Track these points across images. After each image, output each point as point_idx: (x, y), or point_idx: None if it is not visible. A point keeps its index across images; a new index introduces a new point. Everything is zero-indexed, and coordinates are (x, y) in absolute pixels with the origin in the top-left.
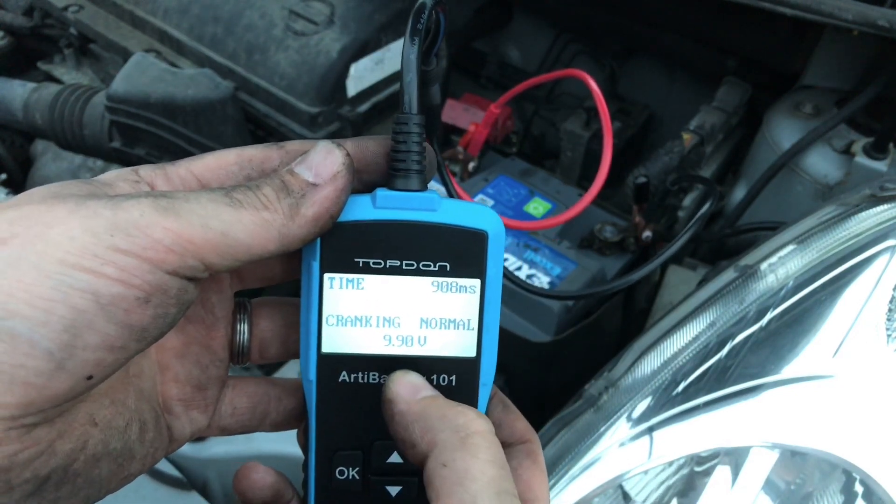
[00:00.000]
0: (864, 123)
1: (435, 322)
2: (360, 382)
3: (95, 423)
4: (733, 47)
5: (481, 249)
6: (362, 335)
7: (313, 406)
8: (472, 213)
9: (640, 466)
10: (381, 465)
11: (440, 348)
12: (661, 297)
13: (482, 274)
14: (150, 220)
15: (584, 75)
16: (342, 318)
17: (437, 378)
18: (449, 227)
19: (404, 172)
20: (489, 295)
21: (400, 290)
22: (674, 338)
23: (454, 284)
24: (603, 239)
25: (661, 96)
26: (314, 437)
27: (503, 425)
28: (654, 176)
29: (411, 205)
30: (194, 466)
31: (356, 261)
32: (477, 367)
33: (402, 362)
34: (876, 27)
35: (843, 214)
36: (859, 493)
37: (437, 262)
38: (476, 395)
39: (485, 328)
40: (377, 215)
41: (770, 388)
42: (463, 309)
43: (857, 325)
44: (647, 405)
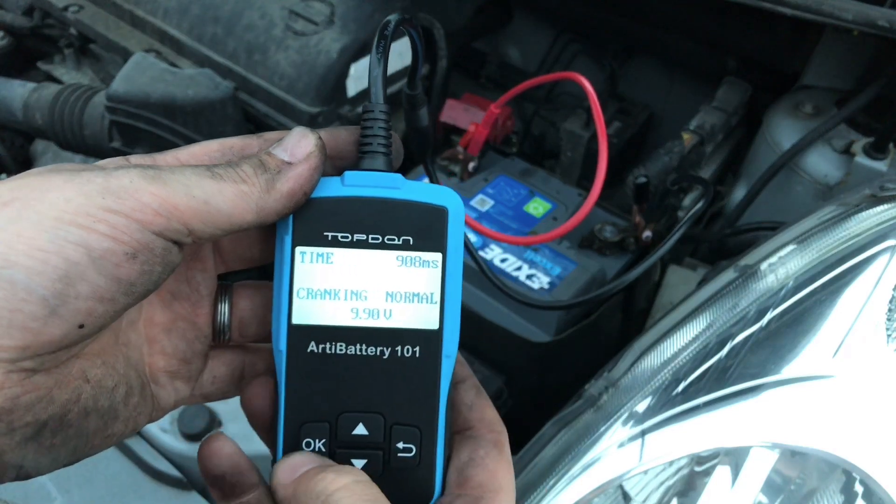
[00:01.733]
0: (864, 123)
1: (399, 295)
2: (327, 353)
3: (87, 380)
4: (733, 47)
5: (442, 224)
6: (331, 307)
7: (283, 376)
8: (432, 191)
9: (639, 466)
10: (346, 438)
11: (405, 321)
12: (661, 297)
13: (443, 248)
14: (139, 185)
15: (579, 78)
16: (312, 290)
17: (402, 350)
18: (411, 202)
19: (371, 154)
20: (450, 269)
21: (366, 263)
22: (674, 338)
23: (417, 259)
24: (603, 239)
25: (661, 96)
26: (283, 408)
27: (474, 408)
28: (654, 176)
29: (377, 183)
30: (194, 466)
31: (325, 234)
32: (440, 338)
33: (368, 333)
34: (876, 27)
35: (843, 214)
36: (859, 493)
37: (400, 236)
38: (439, 367)
39: (447, 301)
40: (345, 192)
41: (770, 388)
42: (426, 283)
43: (857, 325)
44: (647, 405)
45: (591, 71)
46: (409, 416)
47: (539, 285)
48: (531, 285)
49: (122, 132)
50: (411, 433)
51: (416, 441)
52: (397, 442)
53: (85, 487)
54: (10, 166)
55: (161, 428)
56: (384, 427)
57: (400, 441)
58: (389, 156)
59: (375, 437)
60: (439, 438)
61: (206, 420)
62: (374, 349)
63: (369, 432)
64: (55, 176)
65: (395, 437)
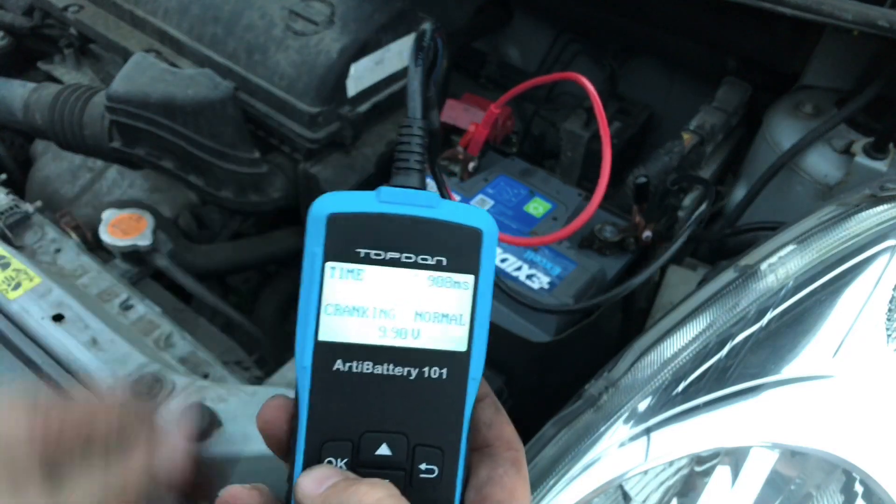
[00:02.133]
0: (864, 123)
1: (429, 316)
2: (353, 372)
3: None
4: (733, 47)
5: (476, 246)
6: (359, 325)
7: (306, 393)
8: (468, 212)
9: (639, 466)
10: (369, 458)
11: (433, 341)
12: (661, 297)
13: (476, 270)
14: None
15: (580, 79)
16: (340, 307)
17: (429, 371)
18: (447, 223)
19: (405, 171)
20: (481, 291)
21: (397, 282)
22: (674, 338)
23: (449, 279)
24: (603, 239)
25: (661, 96)
26: (304, 426)
27: (493, 426)
28: (654, 176)
29: (413, 201)
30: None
31: (357, 251)
32: (467, 361)
33: (396, 353)
34: (876, 27)
35: (843, 214)
36: (859, 493)
37: (434, 255)
38: (465, 389)
39: (476, 323)
40: (380, 208)
41: (770, 388)
42: (456, 304)
43: (857, 325)
44: (647, 405)
45: (591, 71)
46: (432, 438)
47: (539, 285)
48: (531, 285)
49: (122, 132)
50: (434, 454)
51: (439, 462)
52: (420, 463)
53: None
54: (11, 166)
55: None
56: (408, 448)
57: (423, 462)
58: (424, 173)
59: (398, 457)
60: (461, 459)
61: (206, 420)
62: (402, 369)
63: (392, 453)
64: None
65: (419, 458)
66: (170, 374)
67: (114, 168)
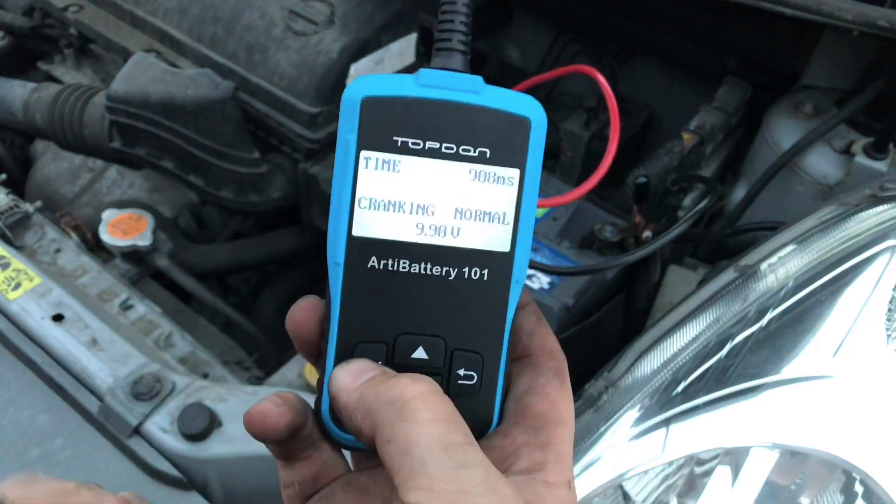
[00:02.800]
0: (864, 123)
1: (470, 213)
2: (389, 270)
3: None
4: (733, 47)
5: (524, 137)
6: (396, 221)
7: (338, 292)
8: (515, 99)
9: (639, 466)
10: (404, 361)
11: (474, 241)
12: (661, 297)
13: (522, 164)
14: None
15: (592, 70)
16: (375, 201)
17: (469, 271)
18: (492, 110)
19: (447, 52)
20: (527, 188)
21: (437, 175)
22: (674, 338)
23: (492, 174)
24: (603, 239)
25: (661, 96)
26: (336, 326)
27: (535, 334)
28: (654, 176)
29: (455, 85)
30: (194, 466)
31: (395, 139)
32: (510, 262)
33: (434, 252)
34: (876, 27)
35: (843, 214)
36: (859, 493)
37: (476, 147)
38: (507, 292)
39: (521, 223)
40: (419, 93)
41: (770, 388)
42: (500, 201)
43: (857, 325)
44: (647, 405)
45: None
46: (472, 343)
47: (539, 285)
48: (531, 285)
49: (122, 132)
50: (473, 360)
51: (478, 368)
52: (458, 369)
53: None
54: (11, 166)
55: (161, 428)
56: (445, 352)
57: (461, 368)
58: (468, 54)
59: (435, 361)
60: (501, 367)
61: (206, 420)
62: (440, 269)
63: (429, 356)
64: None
65: (457, 363)
66: (170, 374)
67: (114, 168)
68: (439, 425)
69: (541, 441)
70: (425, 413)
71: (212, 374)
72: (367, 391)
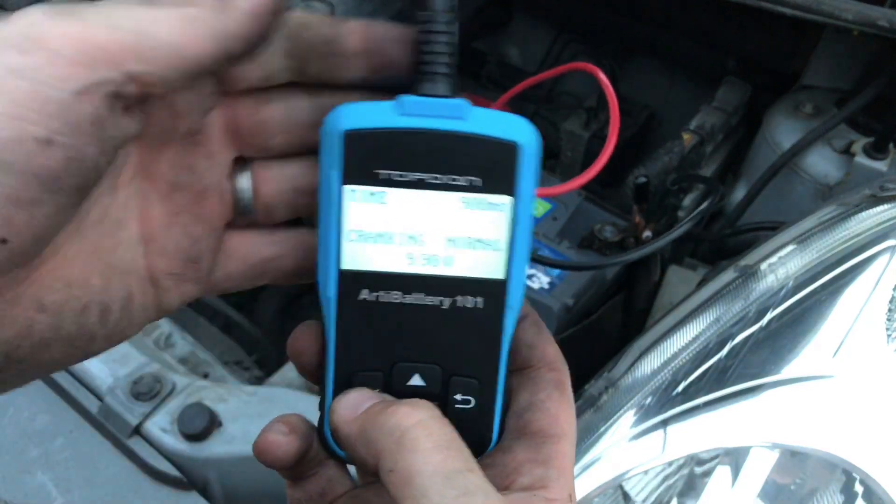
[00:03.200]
0: (864, 123)
1: (462, 241)
2: (381, 301)
3: (43, 309)
4: (733, 47)
5: (513, 163)
6: (385, 252)
7: (332, 324)
8: (504, 122)
9: (639, 466)
10: (401, 388)
11: (467, 269)
12: (661, 297)
13: (513, 190)
14: (45, 28)
15: (592, 68)
16: (363, 233)
17: (463, 300)
18: (478, 137)
19: (430, 76)
20: (520, 213)
21: (425, 205)
22: (674, 338)
23: (483, 202)
24: (603, 239)
25: (661, 96)
26: (333, 357)
27: (535, 346)
28: (654, 176)
29: (438, 112)
30: (194, 466)
31: (378, 172)
32: (505, 289)
33: (426, 282)
34: (876, 27)
35: (843, 214)
36: (859, 493)
37: (464, 175)
38: (502, 318)
39: (514, 249)
40: (402, 123)
41: (770, 388)
42: (492, 228)
43: (857, 325)
44: (647, 405)
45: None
46: (468, 368)
47: (539, 285)
48: (531, 285)
49: None
50: (470, 385)
51: (475, 392)
52: (455, 394)
53: (85, 487)
54: None
55: (161, 428)
56: (441, 378)
57: (458, 393)
58: (453, 77)
59: (432, 388)
60: (498, 390)
61: (206, 420)
62: (434, 298)
63: (426, 383)
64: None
65: (454, 388)
66: (170, 374)
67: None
68: (440, 453)
69: (542, 457)
70: (425, 441)
71: (212, 374)
72: (367, 422)
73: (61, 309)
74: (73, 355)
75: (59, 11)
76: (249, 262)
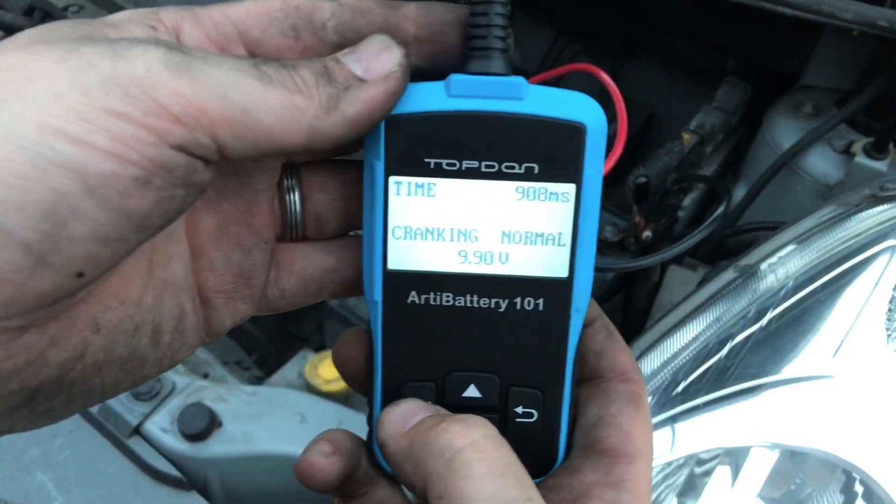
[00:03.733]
0: (864, 123)
1: (519, 236)
2: (432, 304)
3: (98, 329)
4: (733, 47)
5: (578, 147)
6: (435, 250)
7: (379, 330)
8: (567, 101)
9: None
10: (456, 400)
11: (525, 267)
12: (661, 297)
13: (578, 178)
14: (158, 78)
15: (594, 69)
16: (411, 230)
17: (522, 301)
18: (538, 118)
19: (484, 53)
20: (585, 203)
21: (478, 197)
22: (674, 338)
23: (543, 191)
24: (603, 239)
25: (661, 96)
26: (380, 366)
27: (605, 355)
28: (654, 176)
29: (493, 92)
30: (194, 466)
31: (427, 161)
32: (569, 289)
33: (480, 282)
34: (876, 27)
35: (843, 214)
36: (859, 493)
37: (522, 163)
38: (567, 322)
39: (579, 244)
40: (452, 105)
41: (770, 388)
42: (553, 220)
43: (857, 325)
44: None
45: None
46: (529, 378)
47: None
48: None
49: None
50: (532, 396)
51: (538, 405)
52: (516, 406)
53: (85, 487)
54: None
55: (161, 428)
56: (500, 389)
57: (519, 405)
58: (508, 52)
59: (489, 400)
60: (564, 402)
61: (206, 420)
62: (488, 300)
63: (482, 395)
64: (45, 54)
65: (514, 400)
66: (170, 374)
67: None
68: (494, 480)
69: (614, 479)
70: (479, 465)
71: (212, 374)
72: (416, 440)
73: (116, 330)
74: (123, 382)
75: (177, 64)
76: (306, 276)
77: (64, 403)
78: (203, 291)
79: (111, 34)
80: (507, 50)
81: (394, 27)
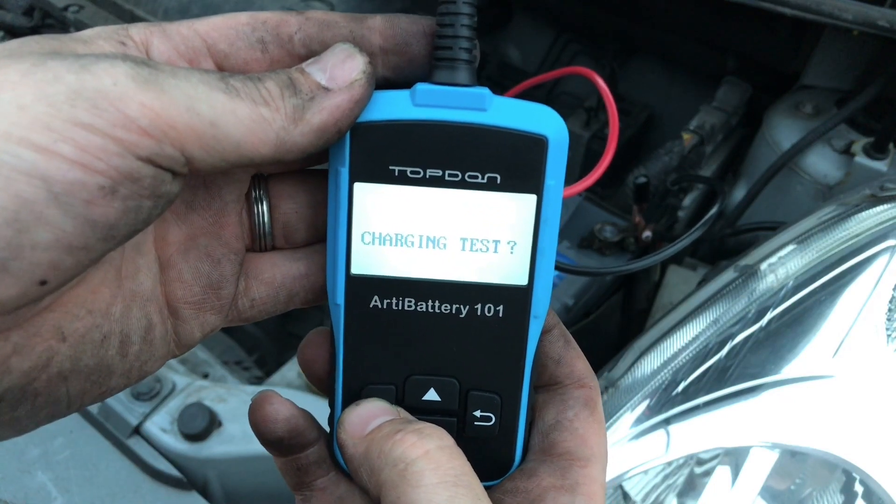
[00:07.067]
0: (864, 123)
1: (481, 244)
2: (393, 309)
3: (63, 338)
4: (733, 47)
5: (539, 159)
6: (398, 256)
7: (341, 334)
8: (529, 113)
9: (639, 466)
10: (415, 404)
11: (486, 274)
12: (661, 297)
13: (539, 189)
14: (125, 91)
15: (589, 72)
16: (375, 235)
17: (482, 308)
18: (501, 130)
19: (449, 63)
20: (546, 214)
21: (441, 205)
22: (674, 338)
23: (505, 200)
24: (603, 239)
25: (661, 96)
26: (341, 369)
27: (562, 362)
28: (654, 176)
29: (457, 102)
30: (194, 466)
31: (391, 169)
32: (528, 296)
33: (442, 288)
34: (876, 27)
35: (843, 214)
36: (859, 493)
37: (485, 172)
38: (526, 329)
39: (539, 253)
40: (417, 114)
41: (770, 388)
42: (514, 230)
43: (857, 325)
44: (647, 405)
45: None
46: (488, 383)
47: None
48: None
49: None
50: (491, 401)
51: (496, 409)
52: (474, 410)
53: (85, 487)
54: None
55: (161, 428)
56: (459, 393)
57: (477, 409)
58: (474, 64)
59: (449, 403)
60: (522, 406)
61: (206, 420)
62: (449, 306)
63: (442, 398)
64: (11, 67)
65: (472, 404)
66: (170, 374)
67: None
68: (446, 490)
69: (569, 483)
70: (431, 476)
71: (212, 374)
72: (373, 447)
73: (82, 339)
74: (90, 392)
75: (145, 77)
76: (276, 285)
77: (29, 413)
78: (171, 303)
79: (79, 49)
80: (473, 61)
81: (360, 39)
